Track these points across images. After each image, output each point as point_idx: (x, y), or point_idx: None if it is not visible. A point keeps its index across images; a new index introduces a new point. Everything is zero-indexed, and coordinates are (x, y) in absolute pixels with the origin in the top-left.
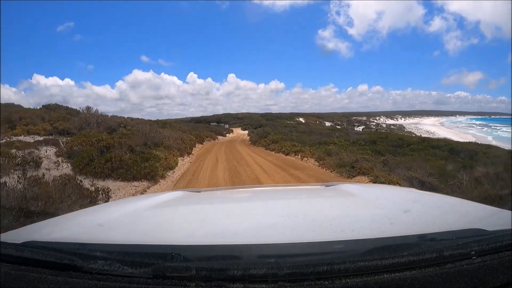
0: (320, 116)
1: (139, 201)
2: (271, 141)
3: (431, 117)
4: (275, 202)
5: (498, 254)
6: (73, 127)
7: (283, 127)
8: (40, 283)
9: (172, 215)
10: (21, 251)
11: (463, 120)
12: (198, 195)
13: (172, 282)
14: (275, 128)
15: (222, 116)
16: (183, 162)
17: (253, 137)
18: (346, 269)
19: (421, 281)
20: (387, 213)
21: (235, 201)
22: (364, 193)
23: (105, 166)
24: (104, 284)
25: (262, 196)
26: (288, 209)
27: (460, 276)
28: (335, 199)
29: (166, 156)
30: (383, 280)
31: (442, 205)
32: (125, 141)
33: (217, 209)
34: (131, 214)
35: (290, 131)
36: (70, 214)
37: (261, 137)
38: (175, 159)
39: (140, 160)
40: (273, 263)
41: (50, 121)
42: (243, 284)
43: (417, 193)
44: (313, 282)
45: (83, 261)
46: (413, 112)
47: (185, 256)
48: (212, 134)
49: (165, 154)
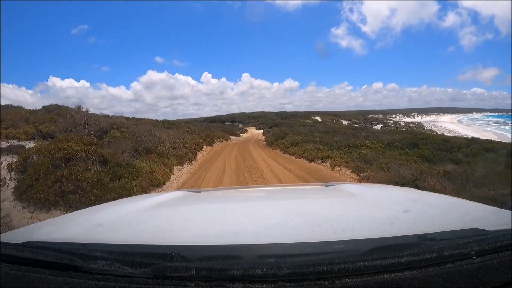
0: (336, 114)
1: (139, 201)
2: (290, 143)
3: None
4: (275, 202)
5: (498, 254)
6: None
7: (300, 126)
8: (40, 283)
9: (172, 215)
10: (21, 251)
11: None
12: (198, 195)
13: (172, 282)
14: (292, 127)
15: (236, 116)
16: (180, 173)
17: (269, 137)
18: (346, 269)
19: (421, 281)
20: (387, 213)
21: (235, 201)
22: (364, 193)
23: (52, 189)
24: (104, 284)
25: (262, 196)
26: (288, 209)
27: (460, 276)
28: (335, 199)
29: (152, 169)
30: (383, 280)
31: (442, 205)
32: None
33: (217, 209)
34: (131, 214)
35: (311, 131)
36: (70, 214)
37: (277, 138)
38: (168, 170)
39: (110, 177)
40: (273, 263)
41: (35, 123)
42: (243, 284)
43: (417, 193)
44: (313, 282)
45: (83, 261)
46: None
47: (185, 256)
48: (225, 134)
49: (155, 164)
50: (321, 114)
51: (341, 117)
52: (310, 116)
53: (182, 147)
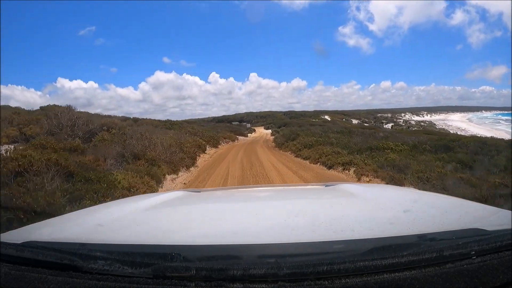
0: (345, 113)
1: (139, 201)
2: (303, 145)
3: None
4: (276, 202)
5: (498, 254)
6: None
7: (311, 126)
8: (40, 283)
9: (172, 215)
10: (21, 251)
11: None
12: (198, 195)
13: (172, 282)
14: (302, 127)
15: (244, 115)
16: (172, 185)
17: (278, 138)
18: (346, 269)
19: (421, 281)
20: (387, 213)
21: (235, 201)
22: (364, 193)
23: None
24: (104, 284)
25: (262, 196)
26: (288, 209)
27: (460, 276)
28: (335, 199)
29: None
30: (383, 280)
31: (442, 205)
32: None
33: (217, 209)
34: (131, 214)
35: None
36: (69, 214)
37: (288, 139)
38: (155, 183)
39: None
40: (273, 263)
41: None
42: (243, 284)
43: (417, 193)
44: (313, 282)
45: (83, 261)
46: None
47: (185, 256)
48: (232, 134)
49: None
50: (330, 113)
51: (350, 116)
52: (319, 115)
53: (179, 152)
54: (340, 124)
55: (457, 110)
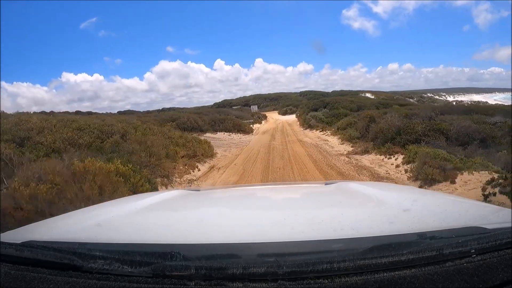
0: (379, 94)
1: (138, 200)
2: None
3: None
4: (275, 200)
5: (498, 252)
6: None
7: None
8: (40, 283)
9: (171, 214)
10: (20, 251)
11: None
12: (197, 193)
13: (171, 281)
14: (366, 109)
15: (250, 98)
16: None
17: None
18: (346, 268)
19: (421, 279)
20: (387, 212)
21: (234, 199)
22: (364, 191)
23: None
24: (104, 284)
25: (261, 195)
26: (288, 208)
27: (460, 274)
28: (335, 198)
29: None
30: (383, 279)
31: (442, 203)
32: None
33: (217, 207)
34: (130, 213)
35: None
36: (69, 213)
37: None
38: None
39: None
40: (273, 261)
41: None
42: (243, 283)
43: (417, 191)
44: (312, 281)
45: (83, 260)
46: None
47: (184, 255)
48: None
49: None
50: (370, 92)
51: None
52: (357, 94)
53: None
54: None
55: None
